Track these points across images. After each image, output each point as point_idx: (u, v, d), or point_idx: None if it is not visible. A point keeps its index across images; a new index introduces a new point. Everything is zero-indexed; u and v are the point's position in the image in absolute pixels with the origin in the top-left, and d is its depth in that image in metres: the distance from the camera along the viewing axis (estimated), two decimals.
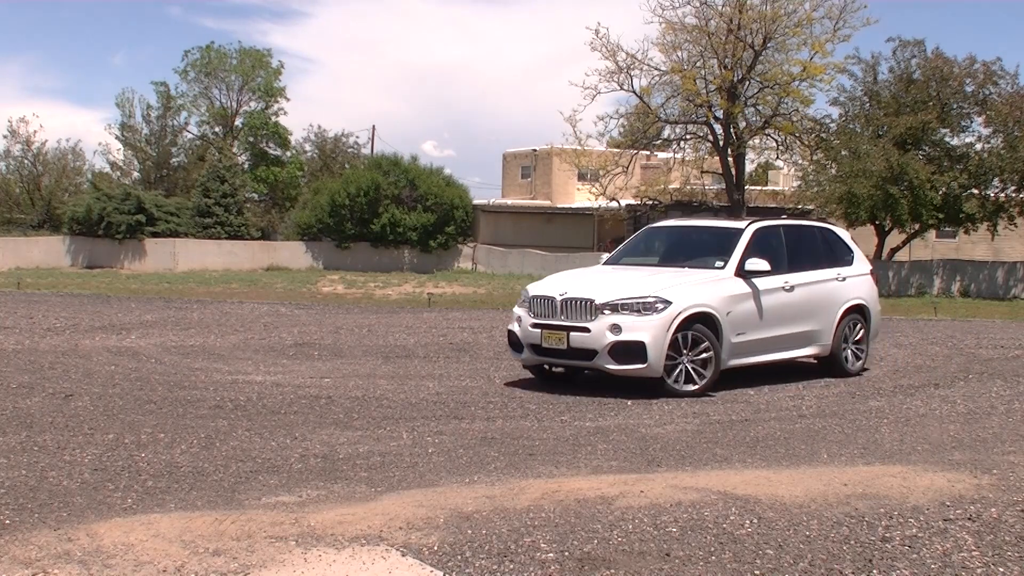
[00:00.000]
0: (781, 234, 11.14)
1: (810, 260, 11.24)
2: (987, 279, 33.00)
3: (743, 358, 10.27)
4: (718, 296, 9.85)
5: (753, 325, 10.21)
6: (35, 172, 54.58)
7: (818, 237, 11.76)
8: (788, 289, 10.57)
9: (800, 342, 10.91)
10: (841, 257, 11.65)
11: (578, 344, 9.48)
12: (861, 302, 11.53)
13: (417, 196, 41.48)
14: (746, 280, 10.17)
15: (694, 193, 40.68)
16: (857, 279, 11.60)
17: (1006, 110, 32.74)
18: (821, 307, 11.03)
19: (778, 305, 10.46)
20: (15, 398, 8.61)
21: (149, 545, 4.38)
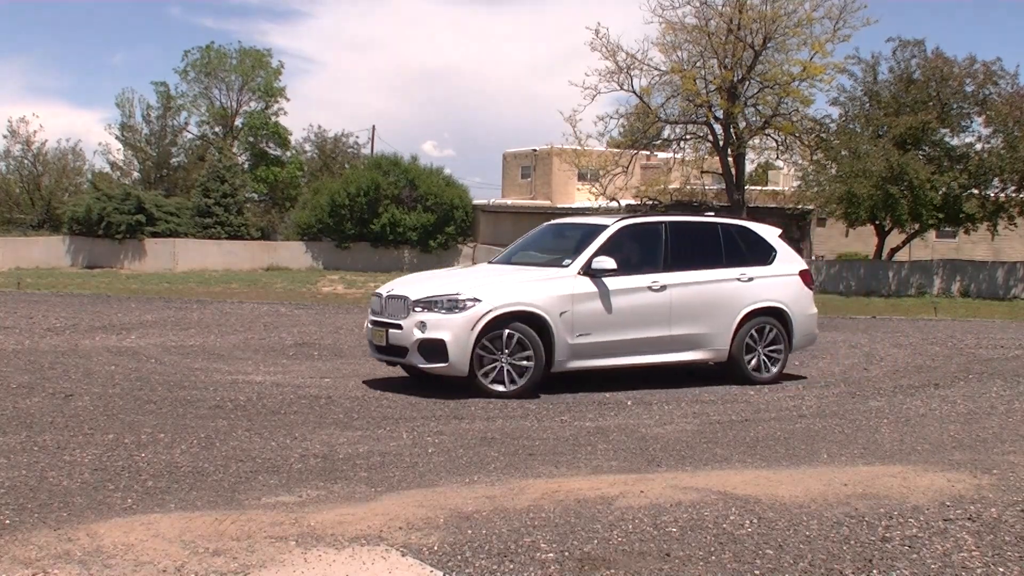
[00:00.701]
0: (662, 232, 10.45)
1: (701, 259, 10.50)
2: (987, 279, 33.01)
3: (592, 360, 9.83)
4: (548, 295, 9.48)
5: (601, 326, 9.70)
6: (35, 172, 54.60)
7: (721, 235, 10.84)
8: (657, 289, 9.98)
9: (681, 345, 10.20)
10: (755, 257, 10.78)
11: (394, 341, 9.45)
12: (776, 305, 10.65)
13: (417, 196, 41.49)
14: (593, 279, 9.70)
15: (694, 193, 40.68)
16: (773, 280, 10.71)
17: (1006, 110, 32.76)
18: (712, 309, 10.30)
19: (641, 306, 9.94)
20: (15, 398, 8.61)
21: (149, 545, 4.38)
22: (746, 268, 10.62)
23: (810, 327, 11.16)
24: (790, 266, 11.03)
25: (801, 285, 11.03)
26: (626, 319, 9.86)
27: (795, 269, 11.03)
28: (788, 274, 10.93)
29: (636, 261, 10.23)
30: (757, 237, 11.07)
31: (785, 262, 11.02)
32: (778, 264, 10.93)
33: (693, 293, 10.25)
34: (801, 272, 11.07)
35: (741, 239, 10.94)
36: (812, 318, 11.19)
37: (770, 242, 11.08)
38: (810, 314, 11.12)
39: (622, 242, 10.21)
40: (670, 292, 10.08)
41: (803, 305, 10.99)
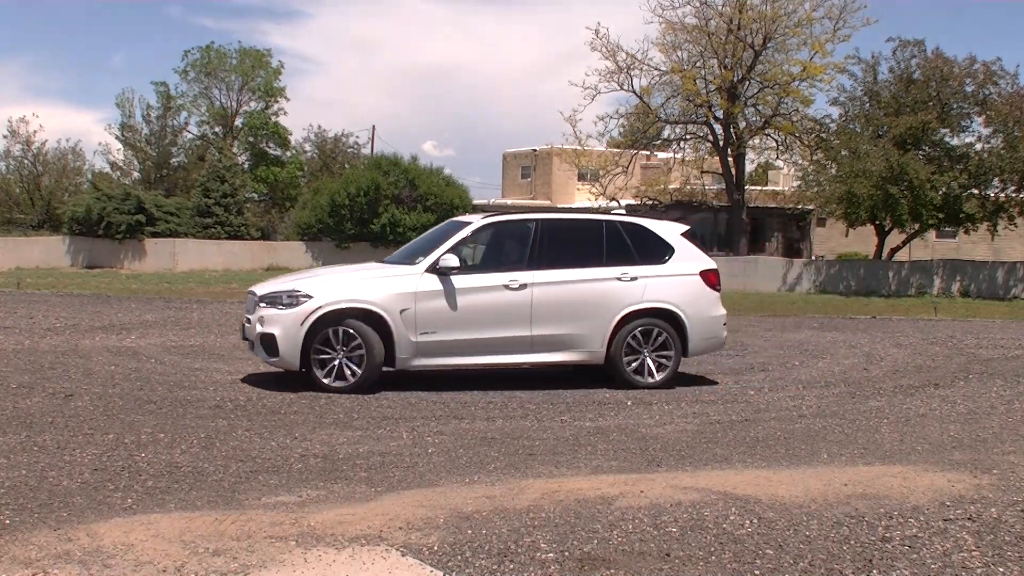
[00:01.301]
0: (530, 230, 10.11)
1: (576, 258, 10.08)
2: (987, 279, 33.02)
3: (441, 359, 9.68)
4: (387, 293, 9.44)
5: (448, 324, 9.54)
6: (35, 172, 54.61)
7: (604, 234, 10.31)
8: (516, 288, 9.67)
9: (546, 346, 9.83)
10: (647, 256, 10.20)
11: (247, 335, 9.81)
12: (665, 306, 10.04)
13: (417, 196, 41.49)
14: (440, 277, 9.57)
15: (694, 193, 40.73)
16: (664, 280, 10.10)
17: (1006, 110, 32.77)
18: (583, 309, 9.86)
19: (496, 305, 9.67)
20: (15, 398, 8.61)
21: (149, 545, 4.39)
22: (631, 267, 10.05)
23: (712, 331, 10.36)
24: (688, 266, 10.30)
25: (701, 286, 10.30)
26: (478, 318, 9.64)
27: (695, 269, 10.30)
28: (684, 274, 10.23)
29: (498, 259, 10.21)
30: (651, 235, 10.42)
31: (683, 261, 10.31)
32: (674, 264, 10.25)
33: (559, 292, 9.84)
34: (703, 272, 10.32)
35: (630, 237, 10.30)
36: (715, 321, 10.38)
37: (667, 241, 10.39)
38: (711, 317, 10.33)
39: (483, 240, 10.28)
40: (531, 291, 9.72)
41: (702, 307, 10.24)
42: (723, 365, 12.26)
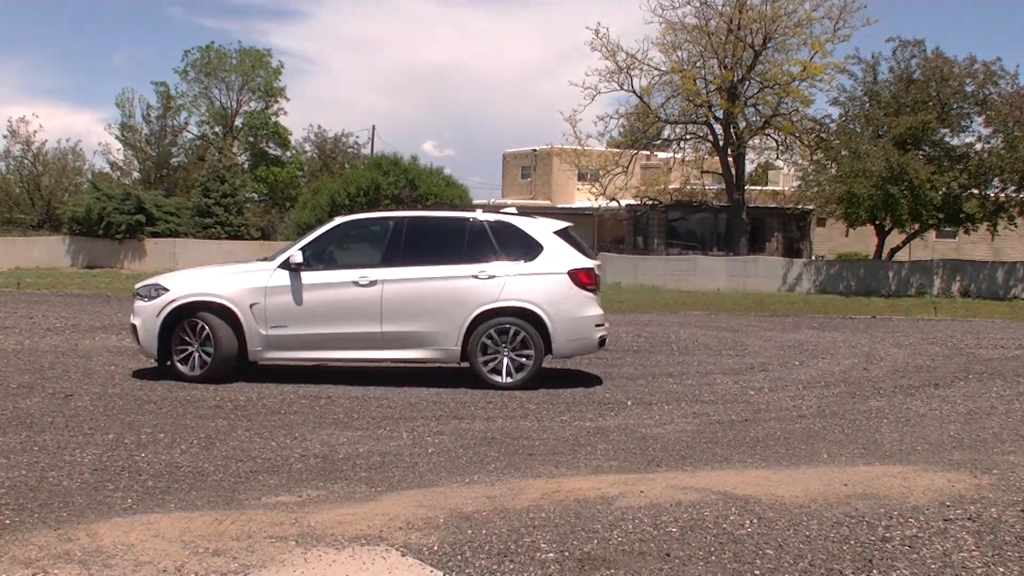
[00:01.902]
0: (388, 228, 10.28)
1: (436, 256, 10.04)
2: (987, 279, 33.02)
3: (293, 352, 9.99)
4: (239, 287, 9.80)
5: (297, 319, 9.78)
6: (35, 172, 54.65)
7: (467, 232, 10.21)
8: (365, 284, 9.77)
9: (398, 343, 9.82)
10: (512, 254, 9.98)
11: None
12: (523, 305, 9.78)
13: (417, 196, 41.48)
14: (291, 273, 9.81)
15: (694, 193, 40.74)
16: (525, 279, 9.85)
17: (1006, 110, 32.77)
18: (435, 307, 9.79)
19: (344, 301, 9.80)
20: (15, 398, 8.62)
21: (149, 545, 4.39)
22: (491, 265, 9.88)
23: (580, 331, 9.99)
24: (556, 264, 9.97)
25: (569, 285, 9.94)
26: (327, 313, 9.81)
27: (563, 268, 9.94)
28: (550, 273, 9.92)
29: (355, 256, 10.33)
30: (519, 234, 10.15)
31: (552, 260, 9.99)
32: (540, 262, 9.97)
33: (410, 289, 9.83)
34: (572, 271, 9.94)
35: (496, 236, 10.10)
36: (583, 322, 10.01)
37: (536, 239, 10.10)
38: (579, 317, 9.97)
39: (340, 237, 10.46)
40: (381, 288, 9.78)
41: (567, 307, 9.91)
42: (723, 365, 12.27)
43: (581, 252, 10.23)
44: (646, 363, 12.30)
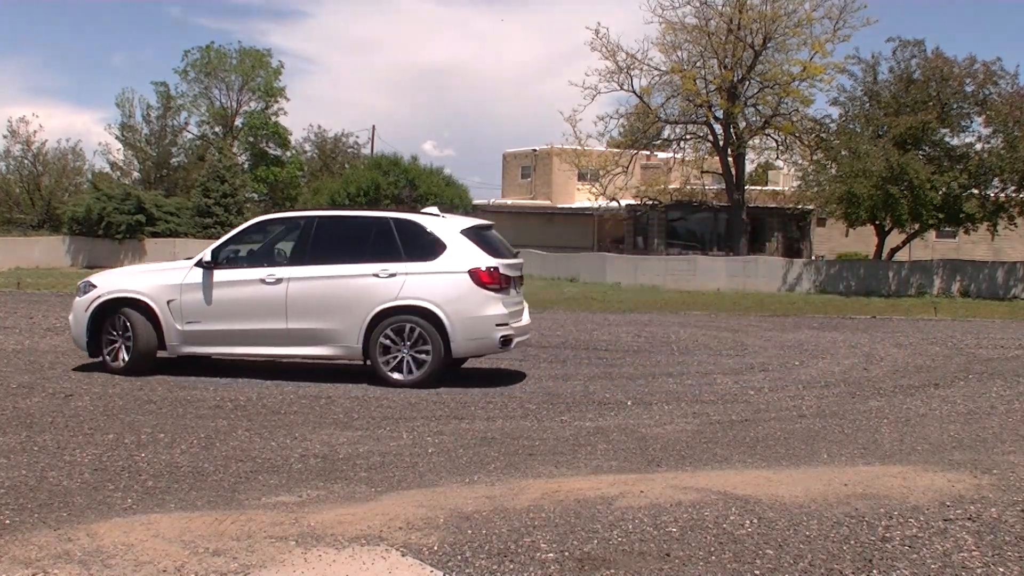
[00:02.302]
0: (299, 227, 10.61)
1: (342, 254, 10.19)
2: (987, 279, 33.01)
3: (207, 347, 10.37)
4: (158, 284, 10.35)
5: (209, 315, 10.14)
6: (35, 172, 54.66)
7: (374, 231, 10.41)
8: (272, 282, 10.02)
9: (302, 340, 10.02)
10: (416, 253, 10.03)
11: None
12: (421, 303, 9.79)
13: (417, 196, 41.50)
14: (204, 271, 10.21)
15: (694, 193, 40.74)
16: (425, 277, 9.88)
17: (1006, 110, 32.75)
18: (336, 305, 9.93)
19: (252, 298, 10.08)
20: (15, 398, 8.62)
21: (149, 545, 4.39)
22: (393, 264, 9.94)
23: (479, 331, 9.89)
24: (457, 263, 9.93)
25: (469, 284, 9.87)
26: (236, 310, 10.13)
27: (463, 267, 9.89)
28: (450, 272, 9.90)
29: (268, 255, 10.56)
30: (424, 233, 10.19)
31: (454, 259, 9.96)
32: (442, 261, 9.97)
33: (313, 288, 10.01)
34: (472, 270, 9.87)
35: (401, 235, 10.18)
36: (482, 321, 9.89)
37: (441, 238, 10.09)
38: (478, 316, 9.86)
39: (255, 236, 10.85)
40: (287, 286, 10.00)
41: (466, 306, 9.84)
42: (723, 365, 12.27)
43: (491, 251, 10.19)
44: (646, 363, 12.30)
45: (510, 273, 10.24)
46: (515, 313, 10.32)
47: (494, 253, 10.20)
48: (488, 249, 10.19)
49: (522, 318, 10.62)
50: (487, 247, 10.22)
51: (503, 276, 10.07)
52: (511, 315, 10.15)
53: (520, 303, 10.63)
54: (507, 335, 10.06)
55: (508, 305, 10.12)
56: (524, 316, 10.75)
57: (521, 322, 10.53)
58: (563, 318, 19.79)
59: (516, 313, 10.36)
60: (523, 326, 10.61)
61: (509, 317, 10.10)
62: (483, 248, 10.14)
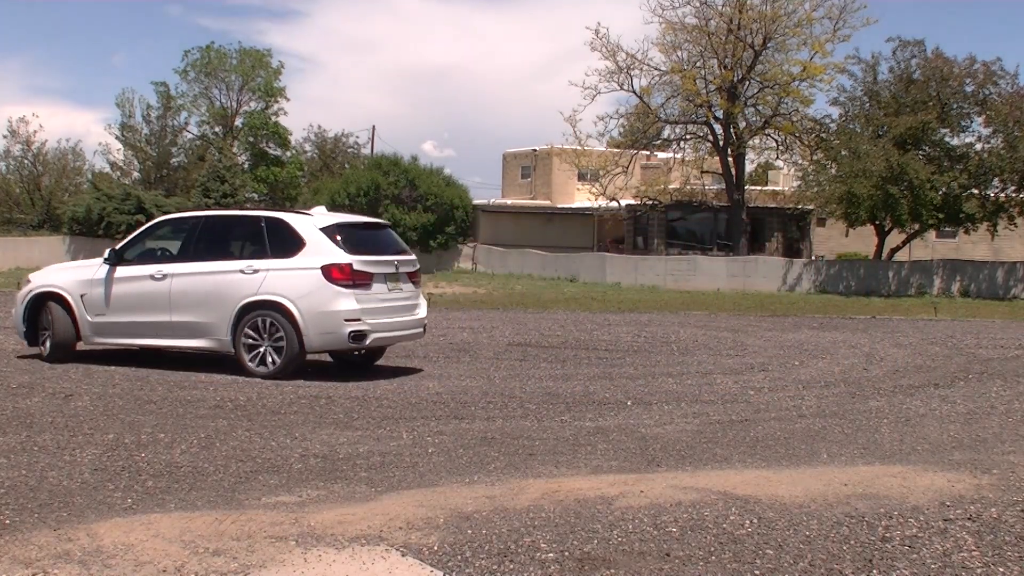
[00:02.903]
0: (188, 225, 11.36)
1: (217, 251, 10.81)
2: (987, 279, 33.01)
3: (113, 338, 11.22)
4: (74, 279, 11.30)
5: (111, 309, 11.02)
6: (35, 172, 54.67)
7: (248, 229, 11.01)
8: (159, 278, 10.74)
9: (184, 332, 10.64)
10: (279, 250, 10.40)
11: None
12: (276, 298, 10.13)
13: (417, 196, 41.49)
14: (109, 268, 11.08)
15: (694, 193, 40.73)
16: (284, 273, 10.22)
17: (1006, 110, 32.75)
18: (210, 300, 10.44)
19: (143, 293, 10.83)
20: (15, 398, 8.62)
21: (149, 545, 4.38)
22: (258, 260, 10.37)
23: (328, 326, 10.13)
24: (312, 260, 10.20)
25: (320, 280, 10.11)
26: (132, 304, 10.94)
27: (317, 263, 10.16)
28: (304, 268, 10.20)
29: (158, 253, 11.34)
30: (287, 230, 10.54)
31: (310, 256, 10.25)
32: (300, 258, 10.27)
33: (190, 283, 10.65)
34: (325, 266, 10.12)
35: (269, 233, 10.60)
36: (331, 316, 10.11)
37: (301, 235, 10.40)
38: (327, 311, 10.10)
39: (154, 234, 11.62)
40: (170, 281, 10.72)
41: (316, 301, 10.10)
42: (723, 365, 12.27)
43: (353, 248, 10.37)
44: (646, 363, 12.30)
45: (371, 270, 10.38)
46: (380, 310, 10.44)
47: (357, 250, 10.37)
48: (349, 246, 10.37)
49: (400, 316, 10.76)
50: (349, 244, 10.40)
51: (357, 272, 10.22)
52: (367, 311, 10.25)
53: (398, 300, 10.79)
54: (358, 331, 10.17)
55: (365, 301, 10.25)
56: (405, 314, 10.89)
57: (395, 319, 10.67)
58: (563, 318, 19.79)
59: (383, 310, 10.50)
60: (396, 322, 10.71)
61: (363, 313, 10.20)
62: (343, 245, 10.33)
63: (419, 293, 11.33)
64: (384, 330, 10.52)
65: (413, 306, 11.05)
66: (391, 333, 10.74)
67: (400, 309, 10.80)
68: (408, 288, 10.97)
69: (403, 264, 10.91)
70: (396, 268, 10.75)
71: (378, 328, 10.38)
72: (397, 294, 10.73)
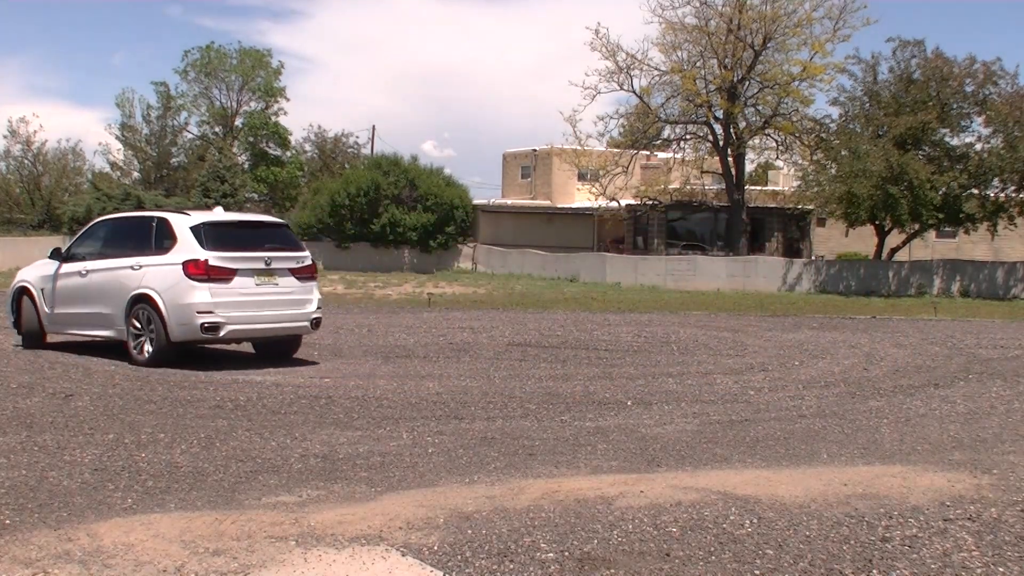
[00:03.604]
0: (109, 225, 12.71)
1: (120, 248, 11.80)
2: (987, 279, 33.01)
3: (67, 328, 12.36)
4: (40, 274, 12.62)
5: (58, 302, 12.25)
6: (35, 172, 54.69)
7: (145, 227, 11.80)
8: (83, 275, 11.93)
9: (100, 323, 11.71)
10: (159, 247, 11.27)
11: None
12: (148, 292, 10.97)
13: (417, 196, 41.47)
14: (59, 264, 12.31)
15: (694, 193, 40.73)
16: (157, 268, 11.04)
17: (1006, 110, 32.74)
18: (111, 294, 11.48)
19: (75, 287, 12.03)
20: (15, 398, 8.62)
21: (149, 545, 4.38)
22: (144, 257, 11.31)
23: (185, 317, 10.78)
24: (178, 256, 10.92)
25: (180, 275, 10.82)
26: (68, 297, 12.11)
27: (180, 260, 10.87)
28: (171, 264, 10.92)
29: (89, 251, 12.28)
30: (167, 229, 11.32)
31: (178, 252, 10.97)
32: (171, 254, 11.03)
33: (100, 279, 11.72)
34: (185, 262, 10.83)
35: (156, 231, 11.50)
36: (186, 308, 10.76)
37: (176, 233, 11.14)
38: (183, 304, 10.77)
39: (91, 234, 12.63)
40: (89, 277, 11.86)
41: (176, 295, 10.81)
42: (723, 365, 12.27)
43: (217, 245, 10.98)
44: (646, 363, 12.30)
45: (232, 265, 10.97)
46: (242, 304, 10.98)
47: (221, 247, 10.99)
48: (213, 243, 10.98)
49: (271, 310, 11.27)
50: (214, 242, 11.02)
51: (214, 268, 10.85)
52: (224, 304, 10.84)
53: (270, 295, 11.25)
54: (210, 323, 10.78)
55: (221, 295, 10.84)
56: (281, 308, 11.35)
57: (263, 312, 11.22)
58: (563, 318, 19.79)
59: (247, 304, 11.03)
60: (265, 316, 11.26)
61: (217, 306, 10.81)
62: (207, 242, 10.97)
63: (309, 289, 11.71)
64: (246, 323, 11.06)
65: (295, 301, 11.48)
66: (256, 326, 11.25)
67: (272, 304, 11.25)
68: (288, 283, 11.40)
69: (278, 260, 11.35)
70: (267, 264, 11.23)
71: (236, 321, 10.93)
72: (269, 289, 11.25)
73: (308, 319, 11.62)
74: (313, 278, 11.81)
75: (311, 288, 11.70)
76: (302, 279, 11.55)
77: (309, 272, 11.73)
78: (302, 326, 11.67)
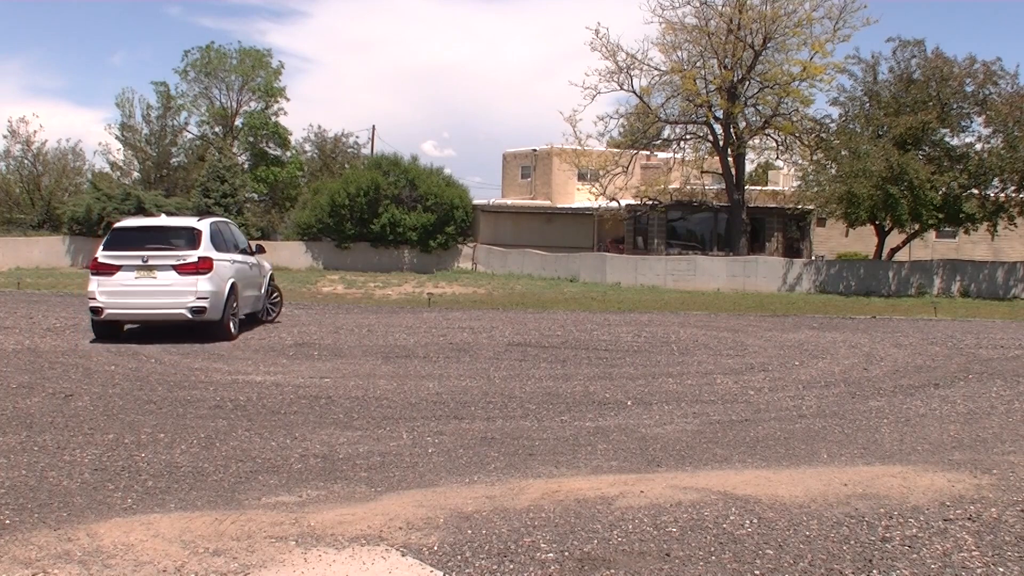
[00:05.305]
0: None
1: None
2: (987, 279, 33.00)
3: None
4: None
5: None
6: (35, 172, 54.65)
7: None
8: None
9: None
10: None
11: None
12: None
13: (417, 196, 41.47)
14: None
15: (694, 193, 40.72)
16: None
17: (1006, 110, 32.72)
18: None
19: None
20: (15, 398, 8.61)
21: (149, 545, 4.38)
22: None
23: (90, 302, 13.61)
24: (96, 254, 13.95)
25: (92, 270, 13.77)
26: None
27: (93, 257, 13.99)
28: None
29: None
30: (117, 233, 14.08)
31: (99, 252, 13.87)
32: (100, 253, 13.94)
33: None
34: (92, 260, 13.92)
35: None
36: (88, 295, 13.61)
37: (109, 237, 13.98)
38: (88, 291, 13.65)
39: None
40: None
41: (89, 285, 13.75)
42: (723, 365, 12.27)
43: (114, 246, 13.57)
44: (646, 363, 12.30)
45: (115, 262, 13.44)
46: (121, 293, 13.32)
47: (114, 247, 13.59)
48: (111, 244, 13.67)
49: (148, 299, 13.42)
50: (112, 243, 13.69)
51: (101, 264, 13.55)
52: (106, 293, 13.33)
53: (148, 287, 13.39)
54: (93, 307, 13.43)
55: (105, 286, 13.36)
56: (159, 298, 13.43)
57: (140, 301, 13.42)
58: (563, 318, 19.79)
59: (126, 293, 13.33)
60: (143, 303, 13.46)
61: (99, 294, 13.35)
62: (107, 243, 13.73)
63: (192, 282, 13.44)
64: (123, 308, 13.45)
65: (175, 292, 13.40)
66: (134, 311, 13.64)
67: (150, 294, 13.41)
68: (168, 278, 13.43)
69: (158, 259, 13.48)
70: (144, 261, 13.42)
71: (115, 307, 13.39)
72: (147, 281, 13.41)
73: (185, 307, 13.45)
74: (197, 273, 13.45)
75: (193, 282, 13.42)
76: (183, 274, 13.41)
77: (191, 268, 13.44)
78: (178, 313, 13.52)
